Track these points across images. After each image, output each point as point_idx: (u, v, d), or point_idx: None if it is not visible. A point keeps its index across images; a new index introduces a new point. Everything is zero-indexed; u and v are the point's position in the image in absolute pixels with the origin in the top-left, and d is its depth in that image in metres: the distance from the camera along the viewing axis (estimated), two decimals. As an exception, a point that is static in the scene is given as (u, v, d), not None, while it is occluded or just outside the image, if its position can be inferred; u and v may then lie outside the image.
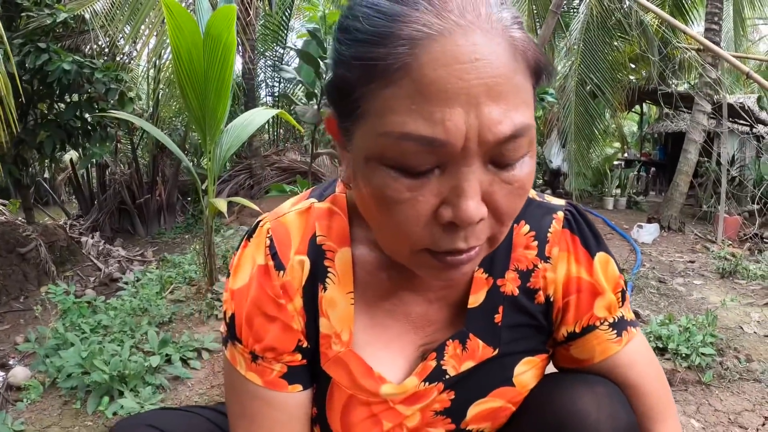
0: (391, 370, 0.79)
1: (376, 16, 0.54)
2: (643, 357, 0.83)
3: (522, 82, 0.55)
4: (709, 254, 5.45)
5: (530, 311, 0.80)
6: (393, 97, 0.53)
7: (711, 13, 6.67)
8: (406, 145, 0.54)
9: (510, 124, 0.54)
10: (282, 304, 0.76)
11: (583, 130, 7.60)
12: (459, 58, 0.51)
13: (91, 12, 4.95)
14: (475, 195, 0.56)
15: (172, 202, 7.39)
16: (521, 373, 0.81)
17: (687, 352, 2.72)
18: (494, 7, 0.55)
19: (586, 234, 0.81)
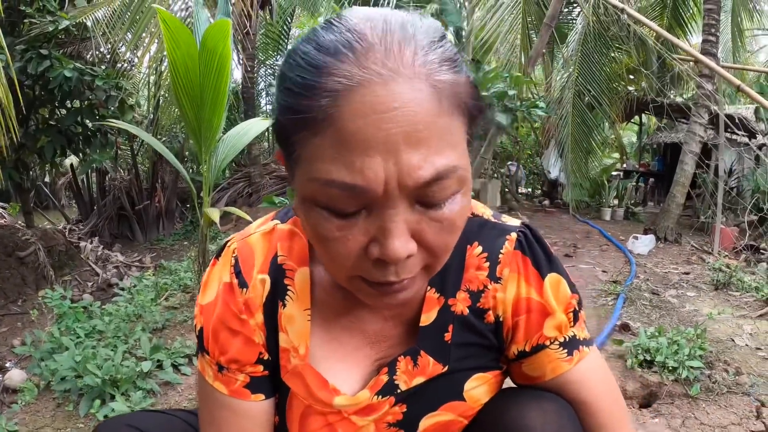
0: (346, 382, 0.83)
1: (305, 68, 0.57)
2: (595, 375, 0.84)
3: (447, 125, 0.57)
4: (704, 266, 5.45)
5: (480, 330, 0.83)
6: (320, 145, 0.57)
7: (708, 25, 6.71)
8: (332, 191, 0.57)
9: (430, 169, 0.56)
10: (244, 320, 0.81)
11: (580, 141, 7.65)
12: (377, 107, 0.54)
13: (92, 20, 5.01)
14: (401, 234, 0.59)
15: (171, 209, 7.43)
16: (472, 389, 0.84)
17: (674, 365, 2.72)
18: (421, 50, 0.57)
19: (538, 255, 0.82)
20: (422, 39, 0.58)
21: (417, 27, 0.59)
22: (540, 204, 10.67)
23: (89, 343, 2.78)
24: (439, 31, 0.61)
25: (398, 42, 0.57)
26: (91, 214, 7.10)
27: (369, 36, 0.57)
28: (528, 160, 11.92)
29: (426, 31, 0.60)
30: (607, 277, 5.00)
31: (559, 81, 7.98)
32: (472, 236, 0.81)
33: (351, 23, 0.58)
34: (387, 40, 0.57)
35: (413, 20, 0.60)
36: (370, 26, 0.58)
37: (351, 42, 0.56)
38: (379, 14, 0.60)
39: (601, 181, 9.43)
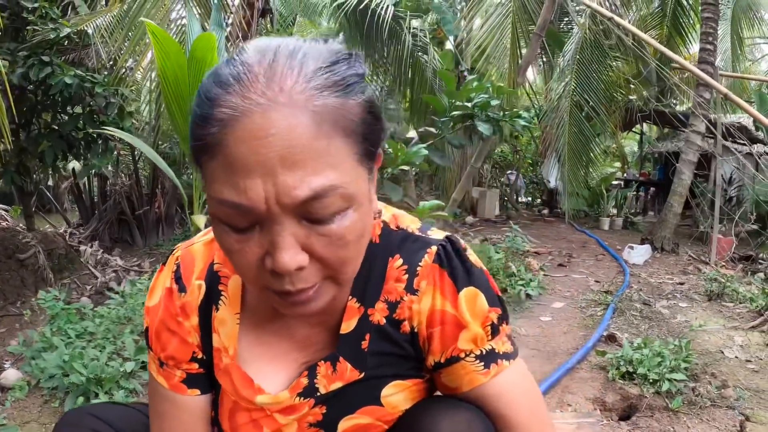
0: (271, 383, 0.89)
1: (203, 100, 0.65)
2: (514, 389, 0.87)
3: (325, 147, 0.63)
4: (700, 276, 5.46)
5: (396, 340, 0.87)
6: (215, 168, 0.65)
7: (706, 33, 6.75)
8: (224, 209, 0.66)
9: (306, 188, 0.62)
10: (180, 322, 0.90)
11: (577, 150, 7.67)
12: (256, 134, 0.61)
13: (93, 27, 5.09)
14: (289, 248, 0.65)
15: (171, 215, 7.48)
16: (389, 395, 0.88)
17: (655, 378, 2.71)
18: (303, 78, 0.63)
19: (456, 268, 0.85)
20: (309, 66, 0.64)
21: (307, 55, 0.66)
22: (539, 213, 10.69)
23: (79, 343, 2.84)
24: (333, 55, 0.68)
25: (281, 72, 0.63)
26: (91, 219, 7.15)
27: (255, 68, 0.64)
28: (528, 170, 11.94)
29: (316, 58, 0.66)
30: (600, 287, 5.02)
31: (556, 90, 8.01)
32: (394, 249, 0.86)
33: (245, 57, 0.65)
34: (271, 70, 0.63)
35: (306, 48, 0.67)
36: (259, 58, 0.65)
37: (239, 74, 0.63)
38: (273, 45, 0.67)
39: (600, 191, 9.45)
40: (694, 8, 8.53)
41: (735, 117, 8.78)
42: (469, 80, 4.06)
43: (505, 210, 10.25)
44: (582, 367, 3.10)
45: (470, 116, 4.03)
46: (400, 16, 7.58)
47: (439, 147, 4.34)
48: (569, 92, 7.60)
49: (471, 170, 5.54)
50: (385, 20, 7.18)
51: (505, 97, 4.52)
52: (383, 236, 0.88)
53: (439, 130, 4.21)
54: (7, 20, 4.77)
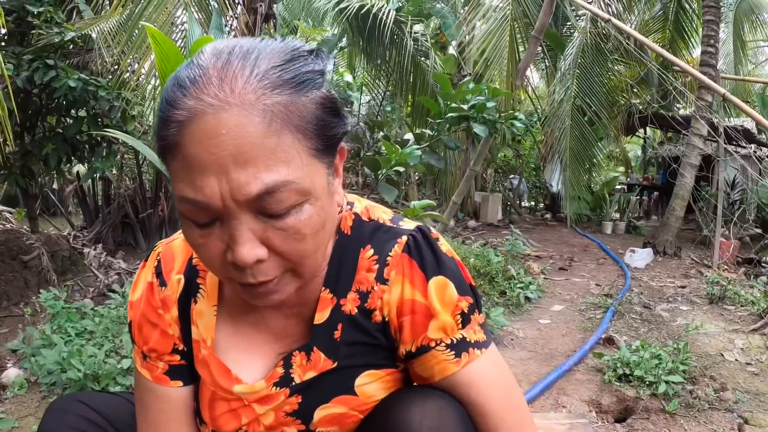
0: (249, 373, 0.91)
1: (164, 102, 0.69)
2: (486, 377, 0.87)
3: (275, 144, 0.66)
4: (702, 279, 5.44)
5: (367, 329, 0.88)
6: (176, 167, 0.69)
7: (707, 36, 6.76)
8: (186, 205, 0.69)
9: (259, 184, 0.65)
10: (161, 314, 0.93)
11: (578, 154, 7.67)
12: (209, 133, 0.64)
13: (97, 31, 5.14)
14: (246, 242, 0.68)
15: (175, 218, 7.49)
16: (363, 384, 0.89)
17: (652, 380, 2.71)
18: (255, 78, 0.66)
19: (426, 258, 0.86)
20: (262, 64, 0.68)
21: (262, 54, 0.69)
22: (542, 217, 10.69)
23: (78, 341, 2.87)
24: (288, 53, 0.71)
25: (233, 72, 0.66)
26: (95, 221, 7.19)
27: (210, 70, 0.67)
28: (531, 174, 11.94)
29: (269, 57, 0.69)
30: (600, 290, 5.02)
31: (558, 94, 8.01)
32: (365, 240, 0.88)
33: (202, 59, 0.69)
34: (224, 72, 0.66)
35: (262, 47, 0.70)
36: (214, 60, 0.68)
37: (195, 77, 0.67)
38: (229, 47, 0.70)
39: (602, 195, 9.44)
40: (696, 11, 8.54)
41: (738, 120, 8.77)
42: (465, 82, 4.09)
43: (508, 214, 10.25)
44: (578, 369, 3.11)
45: (466, 118, 4.04)
46: (402, 20, 7.61)
47: (434, 149, 4.36)
48: (571, 96, 7.61)
49: (470, 173, 5.55)
50: (387, 25, 7.22)
51: (504, 100, 4.54)
52: (355, 227, 0.90)
53: (435, 131, 4.22)
54: (13, 24, 4.83)
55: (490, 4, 6.75)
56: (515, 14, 6.46)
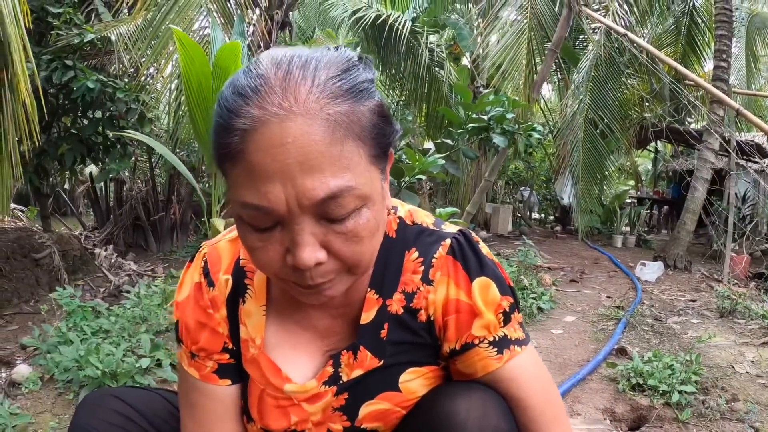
0: (297, 371, 0.94)
1: (223, 110, 0.70)
2: (526, 373, 0.90)
3: (339, 151, 0.68)
4: (712, 293, 5.43)
5: (413, 328, 0.91)
6: (237, 174, 0.70)
7: (720, 51, 6.76)
8: (247, 211, 0.71)
9: (324, 189, 0.67)
10: (210, 314, 0.94)
11: (591, 167, 7.67)
12: (274, 142, 0.66)
13: (116, 34, 5.19)
14: (308, 245, 0.70)
15: (186, 221, 7.55)
16: (407, 381, 0.92)
17: (666, 389, 2.72)
18: (316, 88, 0.68)
19: (469, 260, 0.89)
20: (322, 75, 0.69)
21: (320, 64, 0.70)
22: (552, 230, 10.67)
23: (94, 340, 2.88)
24: (344, 63, 0.72)
25: (296, 82, 0.68)
26: (107, 222, 7.23)
27: (272, 79, 0.68)
28: (541, 186, 11.93)
29: (328, 66, 0.71)
30: (611, 302, 5.01)
31: (571, 107, 8.02)
32: (410, 243, 0.92)
33: (261, 69, 0.70)
34: (286, 81, 0.68)
35: (318, 57, 0.72)
36: (275, 70, 0.69)
37: (257, 86, 0.68)
38: (287, 56, 0.71)
39: (613, 208, 9.43)
40: (708, 26, 8.56)
41: (750, 135, 8.75)
42: (485, 93, 4.12)
43: (518, 226, 10.25)
44: (592, 378, 3.10)
45: (485, 129, 4.07)
46: (418, 31, 7.65)
47: (454, 158, 4.38)
48: (584, 109, 7.61)
49: (485, 184, 5.56)
50: (403, 35, 7.26)
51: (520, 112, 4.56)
52: (399, 231, 0.92)
53: (455, 141, 4.25)
54: (32, 24, 4.88)
55: (507, 18, 6.77)
56: (532, 26, 6.48)
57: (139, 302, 3.72)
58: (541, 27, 6.59)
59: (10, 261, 4.74)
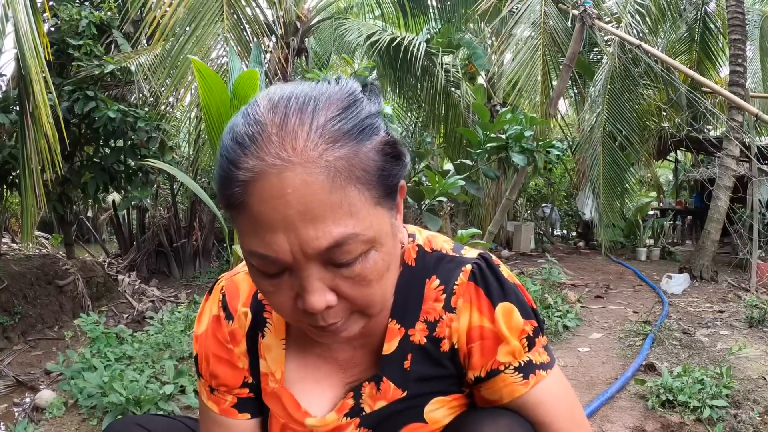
0: (318, 404, 0.93)
1: (224, 158, 0.69)
2: (553, 397, 0.90)
3: (340, 198, 0.66)
4: (740, 303, 5.31)
5: (437, 358, 0.90)
6: (241, 223, 0.69)
7: (735, 55, 6.67)
8: (254, 258, 0.71)
9: (327, 239, 0.66)
10: (230, 348, 0.94)
11: (611, 180, 7.59)
12: (274, 194, 0.65)
13: (136, 64, 5.29)
14: (316, 291, 0.70)
15: (208, 248, 7.62)
16: (432, 411, 0.91)
17: (696, 405, 2.67)
18: (315, 133, 0.66)
19: (491, 285, 0.88)
20: (320, 117, 0.67)
21: (318, 104, 0.68)
22: (575, 246, 10.57)
23: (118, 366, 2.90)
24: (345, 99, 0.70)
25: (293, 128, 0.66)
26: (130, 249, 7.33)
27: (269, 126, 0.66)
28: (562, 202, 11.85)
29: (327, 106, 0.68)
30: (638, 317, 4.92)
31: (588, 121, 7.98)
32: (430, 270, 0.90)
33: (258, 114, 0.68)
34: (283, 129, 0.66)
35: (317, 96, 0.69)
36: (271, 115, 0.67)
37: (254, 134, 0.67)
38: (284, 98, 0.69)
39: (636, 221, 9.32)
40: (722, 31, 8.49)
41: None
42: (503, 112, 4.11)
43: (541, 243, 10.16)
44: (621, 396, 3.04)
45: (504, 147, 4.06)
46: (432, 52, 7.68)
47: (474, 179, 4.36)
48: (602, 122, 7.56)
49: (506, 203, 5.53)
50: (418, 57, 7.29)
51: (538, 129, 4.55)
52: (419, 259, 0.91)
53: (474, 161, 4.24)
54: (53, 56, 5.00)
55: (521, 35, 6.78)
56: (546, 42, 6.48)
57: (162, 328, 3.75)
58: (555, 42, 6.58)
59: (35, 287, 4.81)
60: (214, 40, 5.26)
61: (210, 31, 5.20)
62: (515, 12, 6.65)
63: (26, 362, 3.91)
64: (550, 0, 6.57)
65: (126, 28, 5.94)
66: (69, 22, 5.25)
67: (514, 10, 6.64)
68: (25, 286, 4.74)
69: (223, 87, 2.83)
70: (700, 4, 8.63)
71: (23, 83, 3.50)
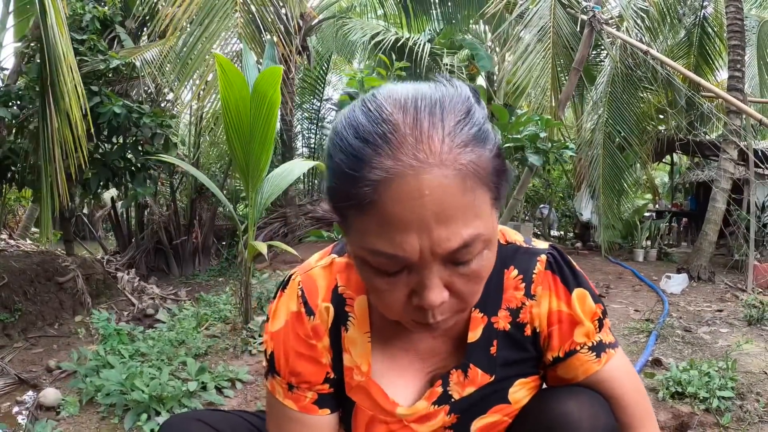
0: (404, 394, 0.96)
1: (348, 155, 0.68)
2: (621, 373, 0.97)
3: (471, 200, 0.68)
4: (738, 303, 5.39)
5: (520, 342, 0.95)
6: (366, 222, 0.69)
7: (733, 60, 6.74)
8: (378, 258, 0.71)
9: (458, 240, 0.68)
10: (313, 344, 0.94)
11: (611, 182, 7.66)
12: (411, 194, 0.65)
13: (141, 60, 5.27)
14: (436, 288, 0.72)
15: (208, 246, 7.60)
16: (515, 392, 0.96)
17: (705, 396, 2.74)
18: (448, 136, 0.67)
19: (566, 273, 0.95)
20: (450, 120, 0.68)
21: (446, 107, 0.69)
22: (572, 246, 10.63)
23: (133, 363, 2.89)
24: (466, 103, 0.71)
25: (427, 130, 0.66)
26: (128, 247, 7.29)
27: (401, 126, 0.66)
28: (560, 203, 11.91)
29: (454, 109, 0.69)
30: (640, 316, 4.98)
31: (589, 123, 8.04)
32: (508, 261, 0.95)
33: (385, 113, 0.68)
34: (417, 130, 0.66)
35: (442, 98, 0.70)
36: (402, 116, 0.67)
37: (386, 134, 0.66)
38: (410, 98, 0.69)
39: (633, 222, 9.38)
40: (720, 36, 8.56)
41: (766, 143, 8.72)
42: (521, 114, 4.17)
43: (538, 244, 10.17)
44: (631, 389, 3.09)
45: (521, 148, 4.12)
46: (437, 52, 7.71)
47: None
48: (602, 125, 7.62)
49: (513, 202, 5.59)
50: (423, 57, 7.32)
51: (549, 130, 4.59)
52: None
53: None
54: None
55: (530, 38, 6.82)
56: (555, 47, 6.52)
57: (173, 325, 3.74)
58: (563, 46, 6.62)
59: (35, 284, 4.77)
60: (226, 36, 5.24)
61: (221, 27, 5.18)
62: (523, 16, 6.68)
63: (27, 360, 3.87)
64: (559, 4, 6.60)
65: (128, 24, 5.91)
66: (73, 16, 5.22)
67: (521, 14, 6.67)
68: (25, 283, 4.70)
69: (243, 83, 2.83)
70: (699, 8, 8.72)
71: (48, 72, 3.43)
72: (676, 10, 8.26)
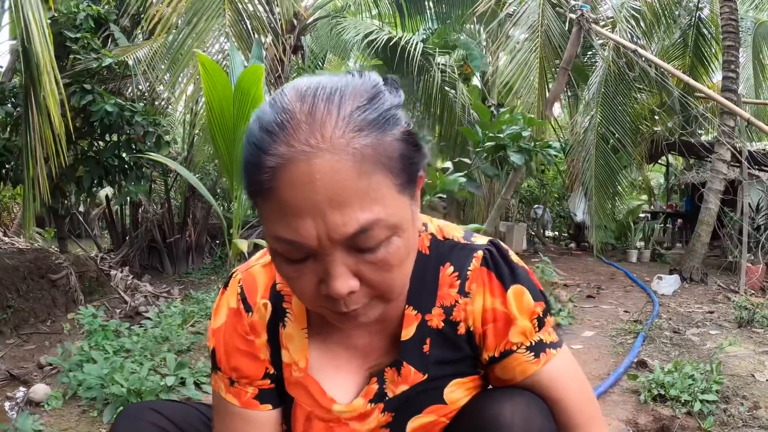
0: (342, 391, 0.96)
1: (252, 145, 0.71)
2: (564, 374, 0.94)
3: (367, 184, 0.68)
4: (729, 304, 5.39)
5: (454, 341, 0.94)
6: (267, 209, 0.71)
7: (728, 61, 6.75)
8: (280, 244, 0.72)
9: (354, 224, 0.68)
10: (251, 340, 0.95)
11: (604, 183, 7.66)
12: (303, 179, 0.66)
13: (133, 59, 5.29)
14: (340, 276, 0.71)
15: (201, 244, 7.60)
16: (451, 392, 0.95)
17: (687, 399, 2.72)
18: (342, 121, 0.68)
19: (502, 269, 0.92)
20: (347, 106, 0.69)
21: (345, 95, 0.70)
22: (566, 247, 10.64)
23: (117, 359, 2.90)
24: (369, 91, 0.72)
25: (321, 117, 0.68)
26: (122, 245, 7.29)
27: (297, 114, 0.68)
28: (554, 204, 11.92)
29: (353, 97, 0.70)
30: (629, 316, 4.98)
31: (581, 123, 8.05)
32: (444, 257, 0.94)
33: (285, 102, 0.70)
34: (311, 117, 0.68)
35: (343, 87, 0.71)
36: (300, 104, 0.69)
37: (283, 122, 0.68)
38: (312, 88, 0.71)
39: (627, 223, 9.38)
40: (715, 37, 8.55)
41: (761, 144, 8.72)
42: (503, 112, 4.18)
43: (533, 244, 10.21)
44: (614, 391, 3.09)
45: (503, 147, 4.12)
46: (429, 52, 7.71)
47: (472, 177, 4.42)
48: (595, 125, 7.63)
49: (501, 202, 5.59)
50: (415, 57, 7.31)
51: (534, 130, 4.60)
52: (432, 247, 0.95)
53: (473, 160, 4.30)
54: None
55: (518, 37, 6.84)
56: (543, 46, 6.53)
57: (159, 322, 3.75)
58: (552, 45, 6.63)
59: (27, 281, 4.78)
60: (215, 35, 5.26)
61: (210, 26, 5.20)
62: (513, 15, 6.70)
63: (19, 356, 3.89)
64: (548, 3, 6.61)
65: (123, 22, 5.93)
66: (67, 14, 5.24)
67: (511, 12, 6.69)
68: (18, 280, 4.71)
69: (226, 82, 2.85)
70: (694, 9, 8.72)
71: (29, 72, 3.45)
72: (671, 10, 8.24)
